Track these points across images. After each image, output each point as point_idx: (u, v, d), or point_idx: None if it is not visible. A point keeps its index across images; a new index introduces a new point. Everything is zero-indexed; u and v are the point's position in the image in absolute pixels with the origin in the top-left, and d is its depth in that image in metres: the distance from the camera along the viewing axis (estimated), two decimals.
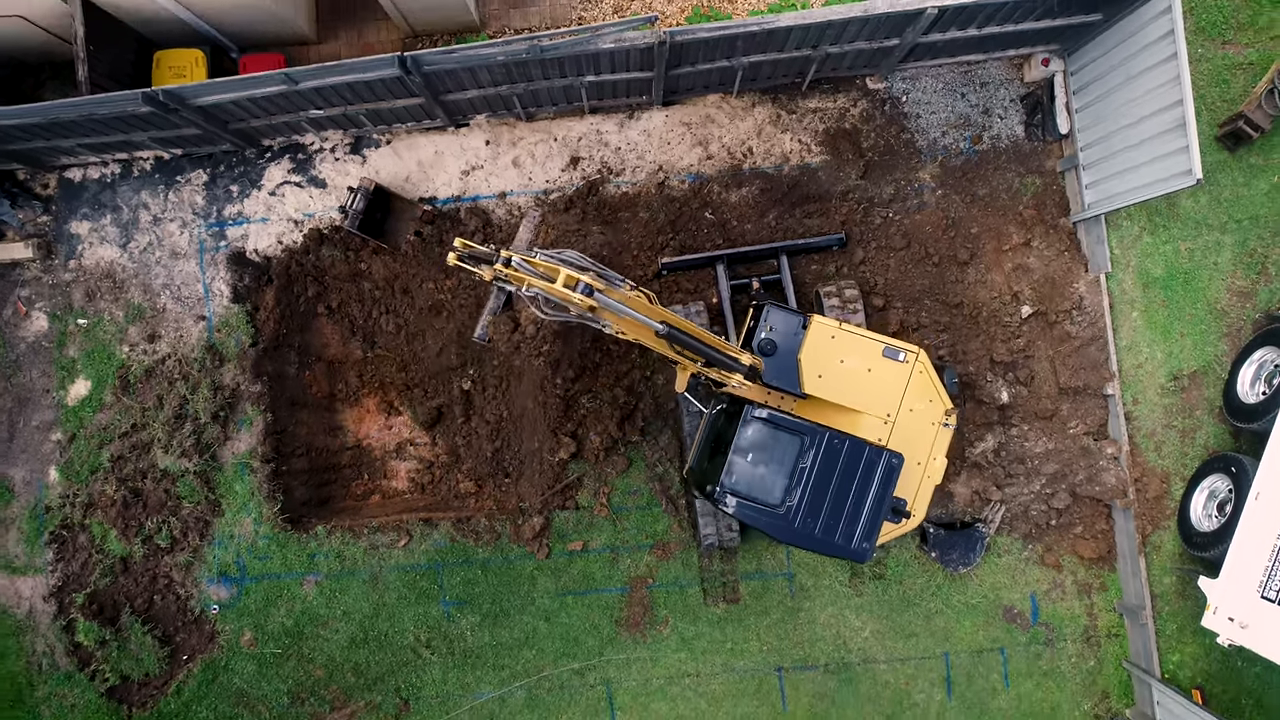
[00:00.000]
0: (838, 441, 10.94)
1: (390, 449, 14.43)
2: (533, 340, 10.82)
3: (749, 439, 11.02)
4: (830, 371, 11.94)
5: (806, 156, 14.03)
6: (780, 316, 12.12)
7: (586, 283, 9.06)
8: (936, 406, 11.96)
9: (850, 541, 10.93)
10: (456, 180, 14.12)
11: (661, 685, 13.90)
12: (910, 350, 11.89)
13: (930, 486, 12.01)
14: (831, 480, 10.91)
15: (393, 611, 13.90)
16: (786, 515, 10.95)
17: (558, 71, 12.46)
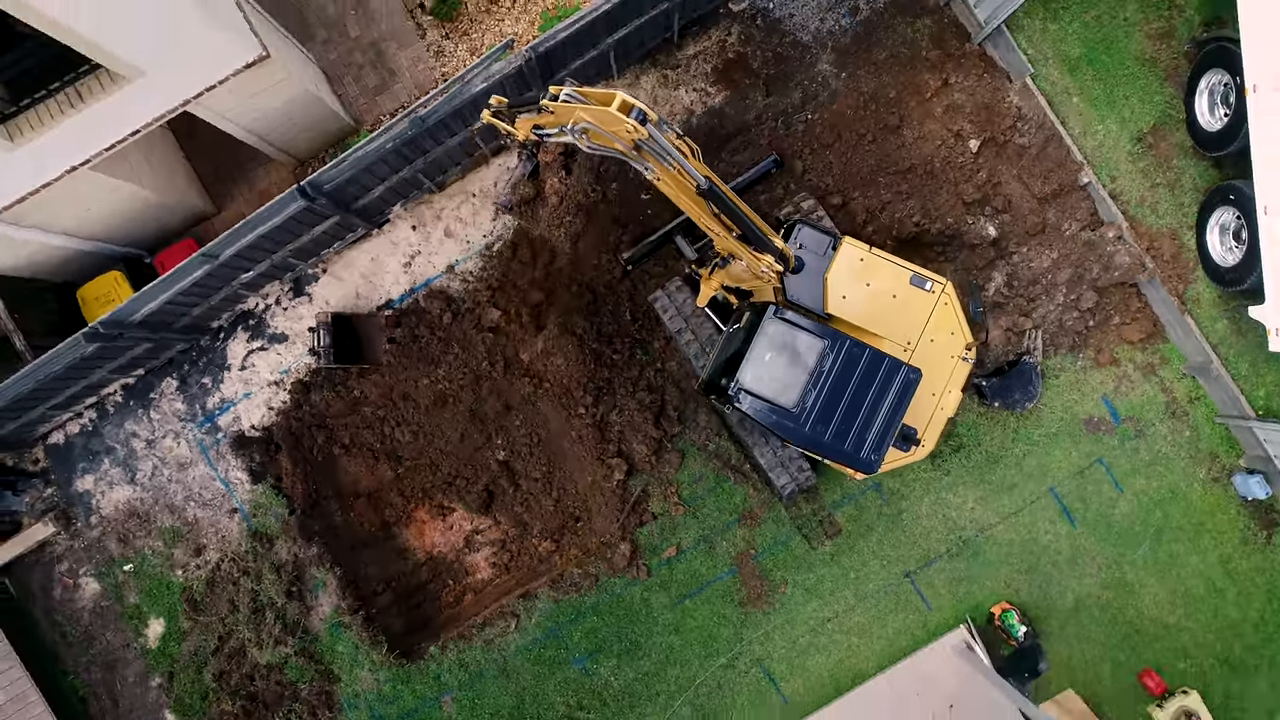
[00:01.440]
0: (858, 350, 10.92)
1: (460, 547, 14.40)
2: (555, 211, 10.58)
3: (770, 338, 11.03)
4: (855, 294, 11.90)
5: (708, 100, 13.99)
6: (811, 235, 12.08)
7: (641, 108, 8.74)
8: (958, 340, 11.92)
9: (860, 450, 10.95)
10: (402, 275, 14.09)
11: (808, 640, 13.88)
12: (938, 281, 11.86)
13: (943, 419, 12.00)
14: (848, 387, 10.89)
15: (534, 692, 13.88)
16: (799, 417, 10.97)
17: (447, 133, 12.41)
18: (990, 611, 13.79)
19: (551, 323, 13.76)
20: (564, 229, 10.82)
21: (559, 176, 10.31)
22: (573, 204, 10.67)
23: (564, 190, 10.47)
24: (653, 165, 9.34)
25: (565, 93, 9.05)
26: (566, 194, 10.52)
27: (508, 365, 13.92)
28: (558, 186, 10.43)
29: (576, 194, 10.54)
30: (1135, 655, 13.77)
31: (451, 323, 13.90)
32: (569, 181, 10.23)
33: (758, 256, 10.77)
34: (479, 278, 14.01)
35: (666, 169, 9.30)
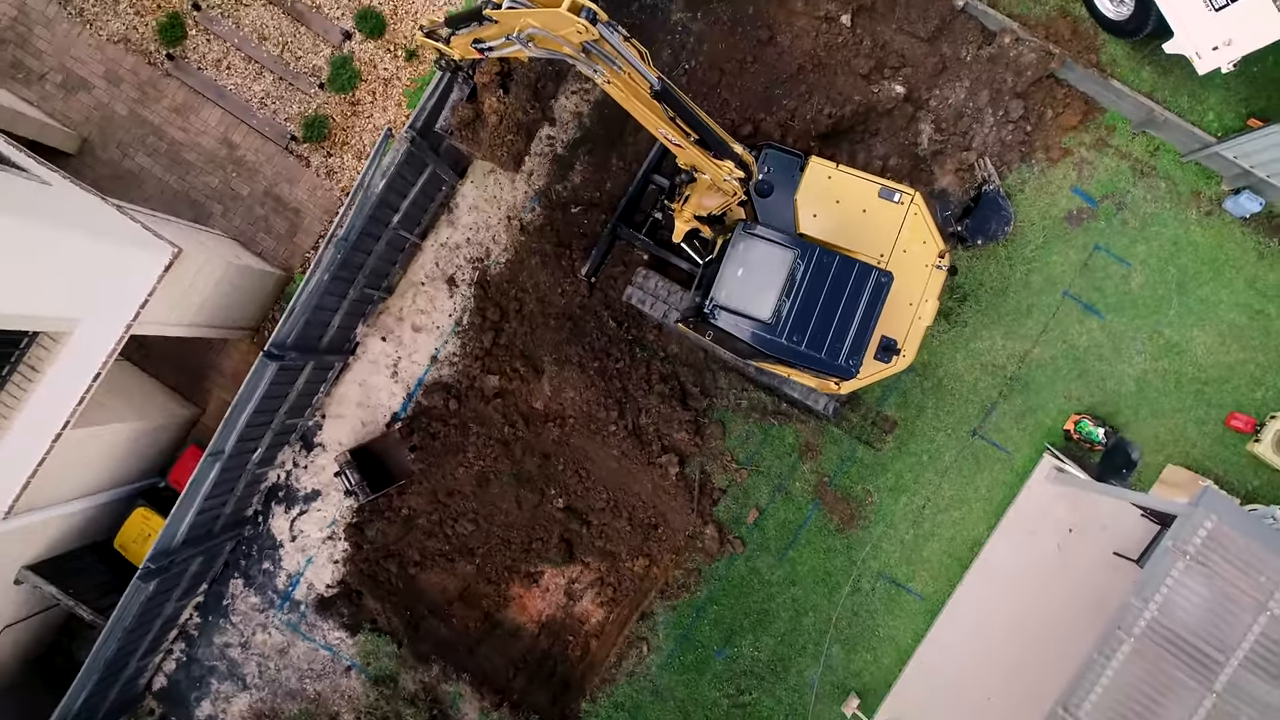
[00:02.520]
0: (828, 258, 11.05)
1: (564, 602, 14.53)
2: (496, 130, 10.60)
3: (741, 254, 11.16)
4: (825, 211, 12.02)
5: (589, 97, 14.10)
6: (778, 158, 12.19)
7: (591, 8, 8.60)
8: (930, 248, 12.00)
9: (837, 357, 11.06)
10: (394, 387, 14.25)
11: (914, 534, 14.00)
12: (906, 192, 11.96)
13: (922, 328, 12.08)
14: (820, 295, 11.01)
15: (694, 699, 14.04)
16: (775, 329, 11.08)
17: (373, 239, 12.56)
18: (1065, 430, 13.89)
19: (547, 363, 13.90)
20: (505, 148, 10.78)
21: (496, 95, 10.34)
22: (512, 122, 10.65)
23: (502, 109, 10.47)
24: (602, 68, 9.22)
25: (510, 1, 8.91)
26: (505, 113, 10.52)
27: (527, 420, 14.06)
28: (496, 106, 10.43)
29: (515, 111, 10.54)
30: (1213, 406, 13.86)
31: (459, 407, 14.05)
32: (507, 100, 10.25)
33: (718, 163, 10.77)
34: (464, 354, 14.16)
35: (617, 72, 9.23)
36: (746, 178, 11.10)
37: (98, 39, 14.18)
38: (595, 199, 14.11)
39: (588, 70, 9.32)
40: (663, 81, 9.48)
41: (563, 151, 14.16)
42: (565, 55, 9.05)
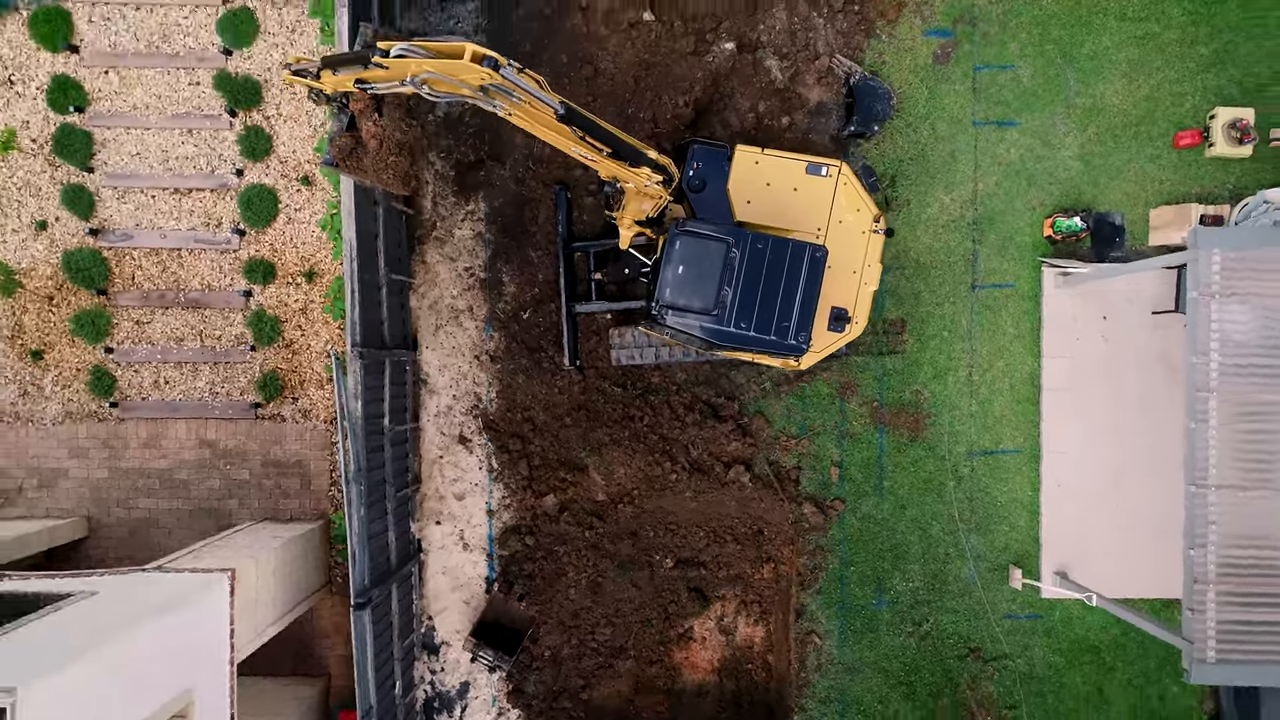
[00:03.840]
0: (761, 241, 11.37)
1: (724, 640, 14.82)
2: (378, 155, 10.56)
3: (677, 253, 11.48)
4: (758, 196, 12.37)
5: (477, 216, 14.44)
6: (705, 151, 12.57)
7: (494, 57, 8.89)
8: (865, 215, 12.34)
9: (785, 336, 11.39)
10: (471, 556, 14.62)
11: (977, 404, 14.28)
12: (832, 164, 12.30)
13: (869, 293, 12.43)
14: (760, 279, 11.34)
15: (885, 657, 14.42)
16: (719, 318, 11.41)
17: (379, 451, 12.94)
18: (1046, 237, 14.17)
19: (586, 458, 14.24)
20: (391, 170, 10.76)
21: (372, 120, 10.37)
22: (393, 144, 10.66)
23: (380, 133, 10.48)
24: (502, 104, 9.48)
25: (401, 47, 9.07)
26: (384, 135, 10.52)
27: (599, 515, 14.41)
28: (374, 130, 10.45)
29: (394, 133, 10.57)
30: (1156, 138, 14.12)
31: (536, 539, 14.40)
32: (383, 123, 10.30)
33: (635, 172, 11.10)
34: (511, 494, 14.49)
35: (519, 105, 9.51)
36: (668, 179, 11.41)
37: (44, 429, 14.54)
38: (536, 295, 14.42)
39: (486, 105, 9.57)
40: (565, 105, 9.81)
41: (485, 275, 14.47)
42: (463, 96, 9.35)
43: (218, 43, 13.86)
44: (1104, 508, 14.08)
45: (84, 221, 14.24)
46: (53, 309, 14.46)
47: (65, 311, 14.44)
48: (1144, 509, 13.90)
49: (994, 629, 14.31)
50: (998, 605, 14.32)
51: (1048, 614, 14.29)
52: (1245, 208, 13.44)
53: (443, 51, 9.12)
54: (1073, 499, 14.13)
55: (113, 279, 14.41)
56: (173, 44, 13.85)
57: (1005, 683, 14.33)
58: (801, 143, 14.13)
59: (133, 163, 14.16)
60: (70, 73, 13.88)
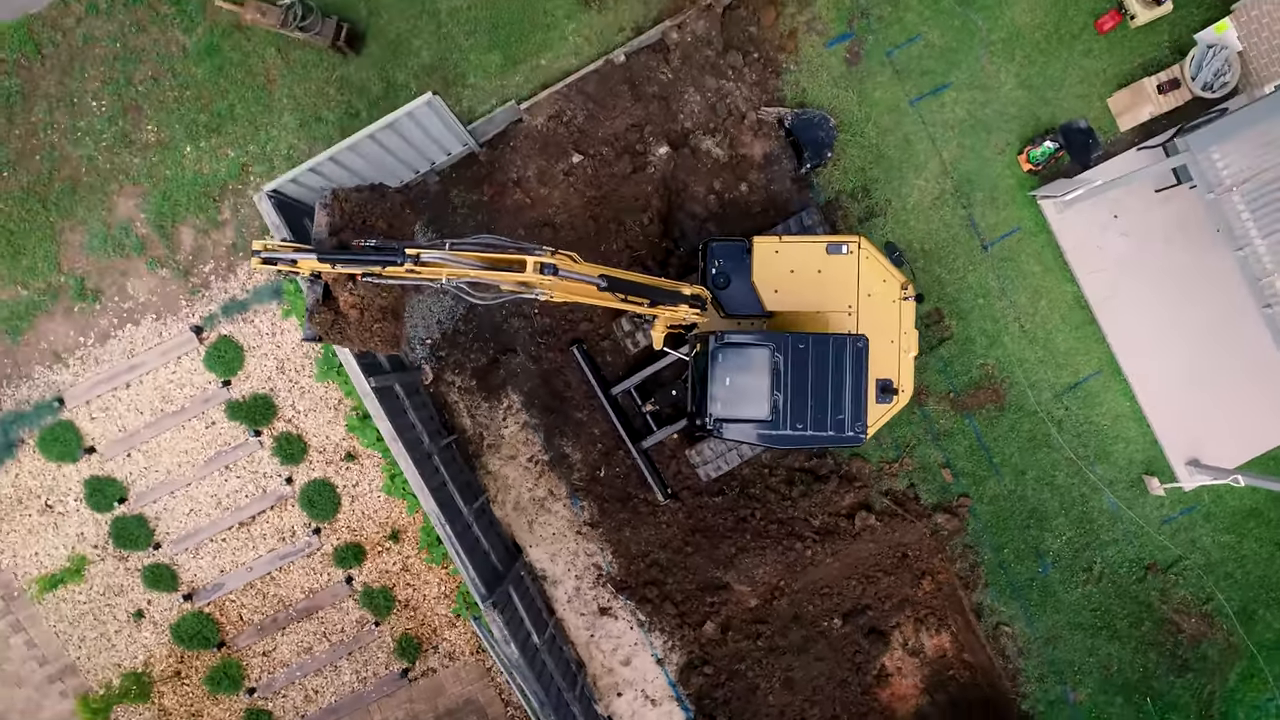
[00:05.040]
0: (801, 343, 11.52)
1: (918, 662, 15.00)
2: (360, 323, 10.36)
3: (722, 365, 11.63)
4: (784, 284, 12.47)
5: (516, 409, 14.60)
6: (723, 247, 12.67)
7: (550, 263, 9.30)
8: (891, 285, 12.43)
9: (842, 429, 11.57)
10: (662, 708, 14.84)
11: (1040, 348, 14.45)
12: (850, 240, 12.36)
13: (909, 360, 12.52)
14: (807, 379, 11.50)
15: (1073, 612, 14.67)
16: (774, 423, 11.59)
17: (545, 671, 13.09)
18: (1026, 171, 14.29)
19: (721, 575, 14.45)
20: (377, 336, 10.60)
21: (349, 290, 10.16)
22: (375, 309, 10.49)
23: (360, 301, 10.31)
24: (543, 290, 9.74)
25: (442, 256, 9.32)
26: (364, 303, 10.35)
27: (759, 619, 14.64)
28: (353, 300, 10.30)
29: (374, 299, 10.40)
30: (1079, 36, 14.20)
31: (714, 668, 14.63)
32: (359, 291, 10.08)
33: (675, 309, 11.41)
34: (671, 636, 14.70)
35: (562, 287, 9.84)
36: (702, 308, 11.64)
37: None
38: (602, 450, 14.58)
39: (526, 295, 9.86)
40: (605, 277, 10.12)
41: (548, 456, 14.62)
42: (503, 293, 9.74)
43: (213, 380, 14.02)
44: (1197, 382, 14.22)
45: (174, 593, 14.44)
46: (184, 680, 14.67)
47: (196, 677, 14.65)
48: (1232, 366, 14.05)
49: (1157, 539, 14.49)
50: (1150, 517, 14.51)
51: (1198, 502, 14.47)
52: (1194, 60, 13.56)
53: (497, 262, 9.42)
54: (1167, 389, 14.28)
55: (223, 628, 14.62)
56: (174, 401, 14.02)
57: (1191, 581, 14.53)
58: (768, 199, 14.27)
59: (191, 520, 14.34)
60: (97, 472, 14.07)
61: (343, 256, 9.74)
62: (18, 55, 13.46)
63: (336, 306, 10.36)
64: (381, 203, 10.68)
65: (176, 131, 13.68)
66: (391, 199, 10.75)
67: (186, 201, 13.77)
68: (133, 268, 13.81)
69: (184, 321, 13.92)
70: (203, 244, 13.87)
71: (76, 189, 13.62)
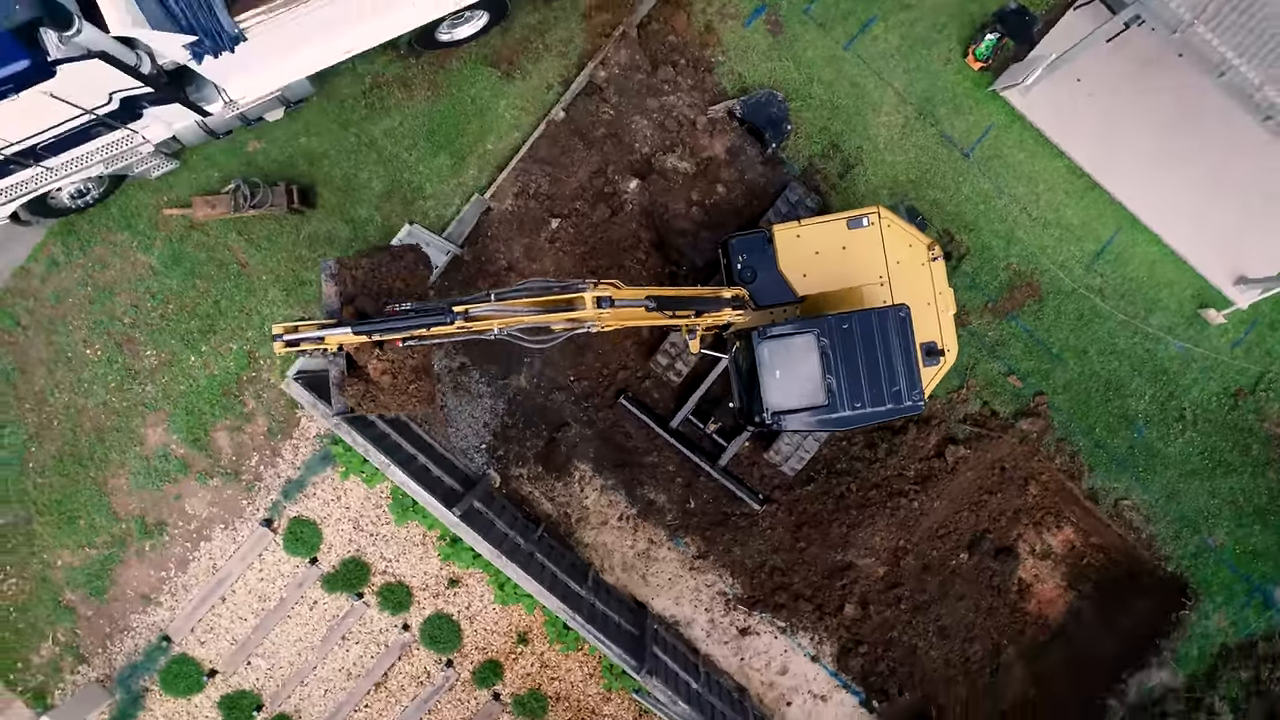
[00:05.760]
0: (845, 323, 11.54)
1: (1054, 563, 15.01)
2: (394, 388, 10.07)
3: (770, 359, 11.66)
4: (812, 267, 12.47)
5: (588, 474, 14.63)
6: (744, 243, 12.66)
7: (607, 296, 9.44)
8: (918, 248, 12.43)
9: (901, 400, 11.58)
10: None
11: (1054, 229, 14.50)
12: (870, 212, 12.36)
13: (949, 319, 12.53)
14: (857, 357, 11.51)
15: (1202, 497, 14.73)
16: (832, 407, 11.63)
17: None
18: (977, 70, 14.30)
19: (843, 556, 14.49)
20: (414, 398, 10.29)
21: (375, 355, 9.83)
22: (408, 370, 10.14)
23: (390, 365, 9.99)
24: (595, 323, 9.74)
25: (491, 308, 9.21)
26: (395, 366, 10.03)
27: (892, 584, 14.73)
28: (382, 366, 9.96)
29: (404, 358, 10.08)
30: None
31: (868, 646, 14.70)
32: (389, 355, 9.78)
33: (719, 315, 11.47)
34: (813, 626, 14.73)
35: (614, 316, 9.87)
36: (744, 308, 11.73)
37: None
38: (684, 483, 14.57)
39: (579, 330, 9.83)
40: (652, 297, 10.20)
41: (635, 509, 14.62)
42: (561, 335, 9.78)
43: (299, 562, 14.04)
44: (1213, 203, 14.22)
45: None
46: None
47: None
48: (1240, 177, 14.08)
49: (1233, 365, 14.51)
50: (1219, 346, 14.54)
51: (1259, 316, 14.49)
52: None
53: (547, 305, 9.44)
54: (1187, 220, 14.29)
55: None
56: (271, 597, 14.03)
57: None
58: (747, 190, 14.27)
59: (330, 699, 14.35)
60: (226, 691, 14.09)
61: (381, 325, 9.41)
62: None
63: (366, 375, 10.01)
64: (395, 263, 10.44)
65: (175, 347, 13.66)
66: (405, 257, 10.53)
67: (209, 408, 13.77)
68: (184, 489, 13.82)
69: (251, 520, 13.93)
70: (240, 441, 13.88)
71: (104, 437, 13.62)
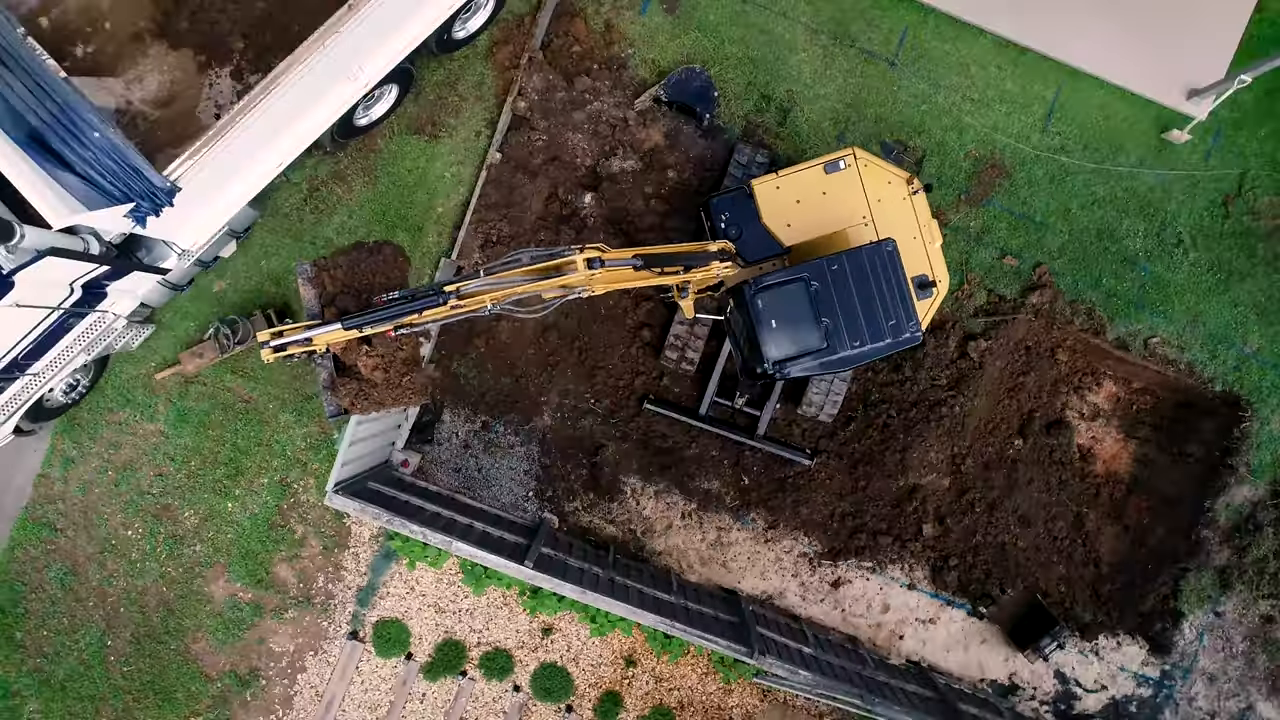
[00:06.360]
0: (834, 264, 11.61)
1: (1102, 414, 15.06)
2: (387, 383, 10.00)
3: (763, 311, 11.73)
4: (794, 216, 12.49)
5: (640, 506, 14.71)
6: (724, 201, 12.65)
7: (597, 257, 9.72)
8: (897, 184, 12.48)
9: (899, 333, 11.69)
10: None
11: (994, 97, 14.56)
12: (844, 155, 12.41)
13: (937, 249, 12.61)
14: (851, 296, 11.59)
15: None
16: (836, 349, 11.73)
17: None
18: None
19: (905, 482, 14.57)
20: (409, 390, 10.25)
21: (363, 352, 9.83)
22: (399, 363, 10.06)
23: (381, 360, 9.94)
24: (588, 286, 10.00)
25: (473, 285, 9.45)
26: (385, 360, 9.98)
27: (961, 489, 14.79)
28: (375, 362, 9.92)
29: (395, 352, 10.02)
30: None
31: (958, 557, 14.78)
32: (379, 350, 9.78)
33: (708, 269, 11.51)
34: (902, 556, 14.79)
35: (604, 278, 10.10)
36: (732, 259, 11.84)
37: None
38: (733, 462, 14.63)
39: (570, 297, 10.11)
40: (639, 255, 10.35)
41: (693, 503, 14.64)
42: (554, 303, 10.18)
43: (396, 662, 14.11)
44: (1142, 26, 14.18)
45: None
46: None
47: None
48: None
49: (1211, 174, 14.55)
50: (1193, 162, 14.56)
51: (1221, 123, 14.50)
52: None
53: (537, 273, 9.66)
54: (1120, 51, 14.25)
55: None
56: (380, 705, 14.11)
57: (1265, 184, 14.61)
58: (697, 166, 14.29)
59: None
60: None
61: (372, 316, 9.42)
62: (42, 544, 13.55)
63: (357, 374, 10.00)
64: (372, 258, 10.46)
65: (209, 500, 13.75)
66: (382, 250, 10.60)
67: (260, 547, 13.85)
68: (264, 630, 13.92)
69: (337, 638, 14.03)
70: (301, 567, 13.97)
71: (172, 608, 13.71)
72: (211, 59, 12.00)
